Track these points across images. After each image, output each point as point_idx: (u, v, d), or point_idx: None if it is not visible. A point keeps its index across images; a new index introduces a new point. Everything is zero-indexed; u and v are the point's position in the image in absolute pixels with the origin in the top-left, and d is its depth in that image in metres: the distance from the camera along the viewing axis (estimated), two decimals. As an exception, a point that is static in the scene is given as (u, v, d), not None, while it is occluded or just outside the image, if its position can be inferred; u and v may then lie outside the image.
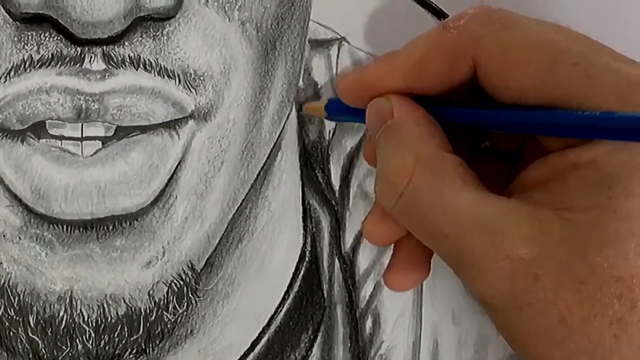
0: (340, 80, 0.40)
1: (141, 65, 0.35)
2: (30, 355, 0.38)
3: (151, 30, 0.35)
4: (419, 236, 0.36)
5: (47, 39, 0.34)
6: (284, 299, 0.44)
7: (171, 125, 0.37)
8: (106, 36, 0.33)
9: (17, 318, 0.37)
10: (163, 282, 0.38)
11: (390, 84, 0.38)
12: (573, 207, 0.33)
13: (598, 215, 0.32)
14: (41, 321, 0.37)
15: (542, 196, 0.34)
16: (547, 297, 0.32)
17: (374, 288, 0.45)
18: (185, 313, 0.39)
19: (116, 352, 0.38)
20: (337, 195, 0.46)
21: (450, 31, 0.36)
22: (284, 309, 0.44)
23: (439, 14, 0.48)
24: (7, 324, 0.38)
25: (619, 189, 0.32)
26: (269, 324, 0.44)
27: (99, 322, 0.37)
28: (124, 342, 0.37)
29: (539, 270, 0.32)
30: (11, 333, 0.38)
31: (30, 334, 0.37)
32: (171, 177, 0.37)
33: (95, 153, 0.36)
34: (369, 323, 0.45)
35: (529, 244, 0.32)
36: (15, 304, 0.38)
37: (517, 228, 0.33)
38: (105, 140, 0.36)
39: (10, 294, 0.38)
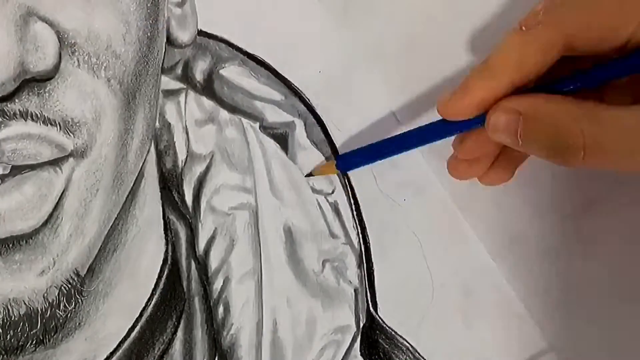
0: (443, 101, 0.41)
1: (29, 117, 0.38)
2: None
3: (36, 89, 0.38)
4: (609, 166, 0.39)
5: None
6: (152, 295, 0.48)
7: (55, 162, 0.39)
8: (0, 96, 0.36)
9: None
10: (54, 287, 0.40)
11: (493, 87, 0.40)
12: None
13: None
14: None
15: None
16: None
17: (224, 282, 0.49)
18: (73, 310, 0.41)
19: (19, 344, 0.40)
20: (190, 210, 0.50)
21: (535, 28, 0.39)
22: (152, 303, 0.47)
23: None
24: None
25: None
26: (141, 315, 0.47)
27: (5, 321, 0.39)
28: (25, 335, 0.40)
29: None
30: None
31: None
32: (57, 203, 0.40)
33: None
34: (220, 310, 0.48)
35: None
36: None
37: None
38: (3, 177, 0.38)
39: None
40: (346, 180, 0.52)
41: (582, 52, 0.39)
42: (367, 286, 0.50)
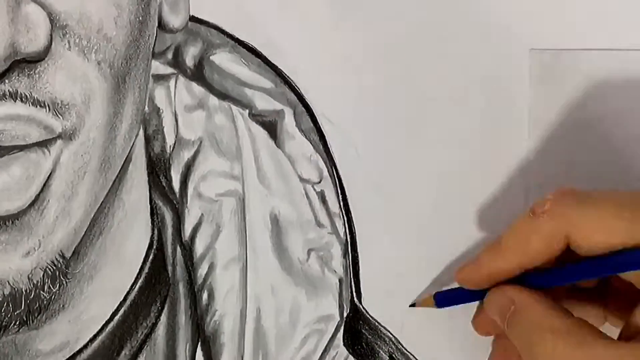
0: (459, 271, 0.46)
1: (18, 98, 0.38)
2: None
3: (26, 70, 0.38)
4: None
5: None
6: (136, 279, 0.48)
7: (43, 144, 0.39)
8: None
9: None
10: (39, 268, 0.40)
11: (502, 267, 0.43)
12: None
13: None
14: None
15: None
16: None
17: (208, 268, 0.49)
18: (57, 292, 0.41)
19: (3, 324, 0.40)
20: (177, 196, 0.50)
21: (541, 216, 0.42)
22: (137, 287, 0.48)
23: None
24: None
25: None
26: (125, 299, 0.48)
27: None
28: (9, 316, 0.40)
29: None
30: None
31: None
32: (44, 185, 0.40)
33: None
34: (205, 296, 0.49)
35: None
36: None
37: None
38: None
39: None
40: (334, 170, 0.52)
41: (586, 249, 0.41)
42: (351, 276, 0.51)
